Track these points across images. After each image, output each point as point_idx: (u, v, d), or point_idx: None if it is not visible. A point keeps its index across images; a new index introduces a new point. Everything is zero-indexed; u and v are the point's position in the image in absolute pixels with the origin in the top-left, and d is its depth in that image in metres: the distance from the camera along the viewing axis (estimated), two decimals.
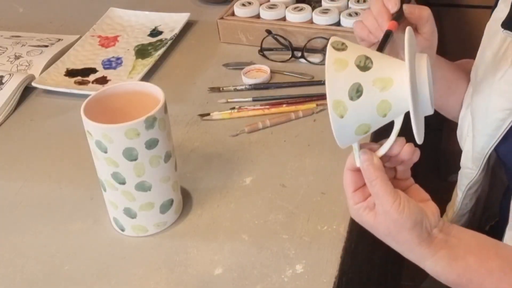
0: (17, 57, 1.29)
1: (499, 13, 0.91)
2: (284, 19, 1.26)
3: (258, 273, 0.82)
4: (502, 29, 0.86)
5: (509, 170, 0.93)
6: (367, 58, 0.65)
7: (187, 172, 0.98)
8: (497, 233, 0.88)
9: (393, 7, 0.79)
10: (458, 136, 0.99)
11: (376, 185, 0.69)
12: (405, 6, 0.80)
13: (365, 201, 0.71)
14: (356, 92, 0.64)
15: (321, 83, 1.14)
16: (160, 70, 1.24)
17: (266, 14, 1.26)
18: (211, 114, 1.09)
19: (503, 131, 0.87)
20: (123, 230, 0.89)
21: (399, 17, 0.79)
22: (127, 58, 1.27)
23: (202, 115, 1.09)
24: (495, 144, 0.88)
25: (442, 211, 1.03)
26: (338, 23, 1.22)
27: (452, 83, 0.98)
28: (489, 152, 0.90)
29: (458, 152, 0.99)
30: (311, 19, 1.24)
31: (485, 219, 1.07)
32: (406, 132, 0.68)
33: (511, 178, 0.93)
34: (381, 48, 0.74)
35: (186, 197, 0.93)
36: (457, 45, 1.84)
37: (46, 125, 1.13)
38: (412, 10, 0.81)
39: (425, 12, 0.82)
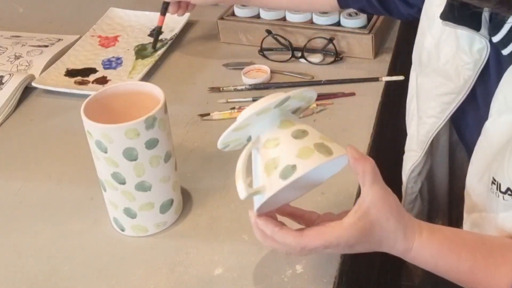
0: (17, 57, 1.29)
1: None
2: (284, 19, 1.26)
3: (258, 273, 0.82)
4: (442, 21, 0.82)
5: (466, 145, 0.93)
6: None
7: (187, 172, 0.98)
8: None
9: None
10: (406, 121, 0.98)
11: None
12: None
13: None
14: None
15: (321, 83, 1.14)
16: (160, 70, 1.24)
17: (266, 14, 1.26)
18: (211, 114, 1.09)
19: (448, 114, 0.86)
20: (123, 230, 0.89)
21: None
22: (127, 58, 1.27)
23: (202, 115, 1.09)
24: (440, 127, 0.88)
25: (440, 212, 1.03)
26: (338, 23, 1.22)
27: None
28: (434, 135, 0.90)
29: None
30: (311, 19, 1.24)
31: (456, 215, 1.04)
32: None
33: (468, 152, 0.91)
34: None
35: (186, 197, 0.93)
36: None
37: (46, 125, 1.13)
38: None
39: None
